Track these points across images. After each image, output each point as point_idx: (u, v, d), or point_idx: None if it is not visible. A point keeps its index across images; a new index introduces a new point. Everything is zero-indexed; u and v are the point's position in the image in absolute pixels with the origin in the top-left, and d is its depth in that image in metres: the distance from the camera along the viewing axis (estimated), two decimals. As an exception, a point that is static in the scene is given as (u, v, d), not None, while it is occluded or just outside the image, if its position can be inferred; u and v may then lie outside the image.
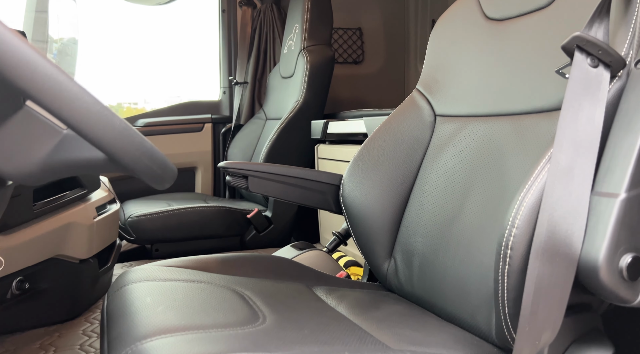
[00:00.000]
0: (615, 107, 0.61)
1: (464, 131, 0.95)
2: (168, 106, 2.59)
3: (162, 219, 1.80)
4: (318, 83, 2.03)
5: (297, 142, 2.01)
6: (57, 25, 2.69)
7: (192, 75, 3.17)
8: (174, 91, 3.57)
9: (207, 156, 2.56)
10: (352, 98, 2.93)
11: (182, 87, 3.44)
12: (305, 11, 2.15)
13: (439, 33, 1.10)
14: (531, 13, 0.86)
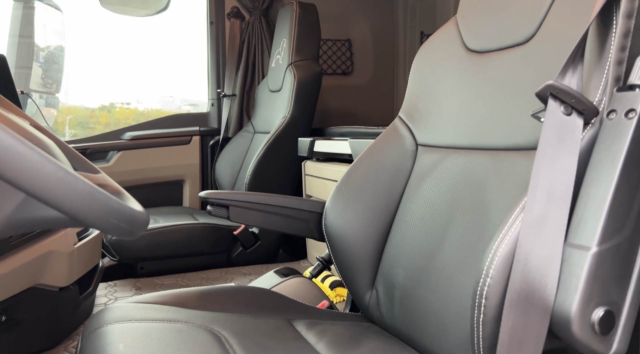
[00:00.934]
0: (588, 155, 0.62)
1: (444, 162, 0.95)
2: (156, 118, 2.58)
3: (147, 237, 1.78)
4: (305, 99, 2.02)
5: (284, 158, 2.00)
6: (43, 34, 2.67)
7: (184, 74, 3.14)
8: (166, 91, 3.54)
9: (195, 169, 2.55)
10: (341, 110, 2.93)
11: (174, 87, 3.42)
12: (292, 27, 2.15)
13: (421, 60, 1.10)
14: (510, 48, 0.86)
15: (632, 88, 0.57)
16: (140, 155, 2.41)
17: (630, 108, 0.57)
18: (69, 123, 3.24)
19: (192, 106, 3.39)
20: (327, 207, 1.06)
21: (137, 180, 2.41)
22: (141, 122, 3.56)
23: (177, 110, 3.63)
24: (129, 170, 2.38)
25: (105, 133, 2.45)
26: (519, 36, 0.84)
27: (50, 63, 2.78)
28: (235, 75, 2.57)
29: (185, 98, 3.49)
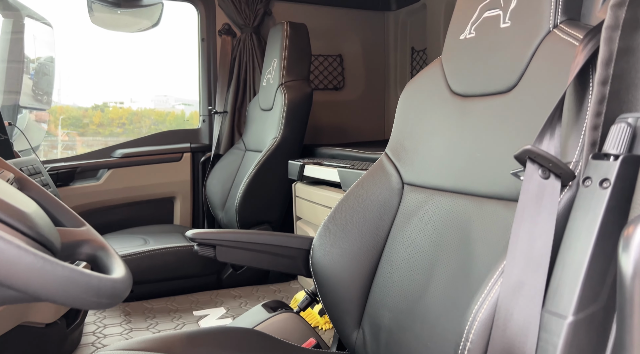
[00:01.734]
0: (566, 218, 0.63)
1: (430, 203, 0.96)
2: (147, 135, 2.57)
3: (137, 261, 1.78)
4: (296, 120, 2.03)
5: (274, 179, 2.00)
6: (33, 46, 2.66)
7: (178, 74, 3.11)
8: (160, 90, 3.52)
9: (186, 185, 2.54)
10: (332, 125, 2.94)
11: (168, 86, 3.39)
12: (283, 47, 2.15)
13: (407, 98, 1.11)
14: (493, 95, 0.88)
15: (607, 157, 0.59)
16: (131, 172, 2.40)
17: (604, 178, 0.58)
18: (62, 123, 3.22)
19: (186, 105, 3.36)
20: (314, 244, 1.07)
21: (128, 197, 2.40)
22: (135, 122, 3.54)
23: (171, 109, 3.61)
24: (120, 187, 2.37)
25: (96, 151, 2.44)
26: (501, 85, 0.86)
27: (41, 75, 2.77)
28: (227, 91, 2.57)
29: (179, 97, 3.46)
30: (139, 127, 3.55)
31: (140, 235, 2.13)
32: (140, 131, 3.56)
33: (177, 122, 3.56)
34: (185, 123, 3.41)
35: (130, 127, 3.53)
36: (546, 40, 0.78)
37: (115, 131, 3.46)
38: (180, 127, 3.54)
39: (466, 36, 0.95)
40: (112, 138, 3.44)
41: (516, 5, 0.84)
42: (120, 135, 3.48)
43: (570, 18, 0.77)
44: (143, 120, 3.57)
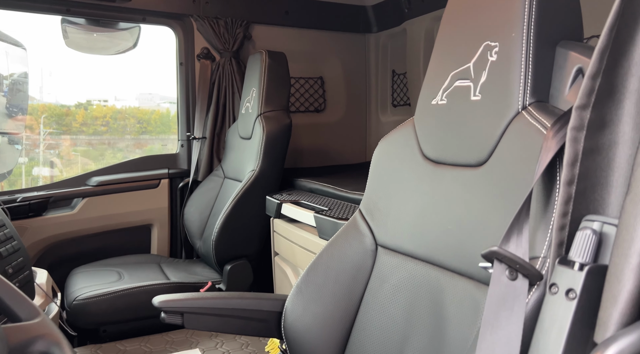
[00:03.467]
0: (534, 320, 0.62)
1: (403, 270, 0.95)
2: (124, 161, 2.52)
3: (110, 301, 1.74)
4: (274, 153, 2.01)
5: (252, 213, 1.98)
6: (6, 62, 2.59)
7: (163, 71, 3.01)
8: (145, 88, 3.44)
9: (164, 212, 2.50)
10: (313, 147, 2.93)
11: (153, 84, 3.32)
12: (262, 77, 2.13)
13: (381, 155, 1.10)
14: (464, 167, 0.87)
15: (572, 264, 0.58)
16: (107, 200, 2.35)
17: (570, 288, 0.57)
18: (44, 122, 3.15)
19: (172, 104, 3.29)
20: (286, 307, 1.05)
21: (103, 226, 2.35)
22: (119, 121, 3.46)
23: (156, 107, 3.54)
24: (95, 216, 2.32)
25: (70, 179, 2.38)
26: (471, 159, 0.85)
27: (15, 92, 2.70)
28: (206, 116, 2.54)
29: (164, 95, 3.40)
30: (124, 125, 3.49)
31: (115, 268, 2.08)
32: (125, 129, 3.50)
33: (162, 121, 3.50)
34: (170, 121, 3.33)
35: (115, 126, 3.46)
36: (515, 121, 0.77)
37: (100, 130, 3.40)
38: (165, 126, 3.47)
39: (438, 102, 0.94)
40: (96, 137, 3.38)
41: (486, 80, 0.83)
42: (105, 134, 3.42)
43: (539, 100, 0.77)
44: (127, 118, 3.50)
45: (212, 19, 2.49)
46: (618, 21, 0.58)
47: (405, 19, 2.65)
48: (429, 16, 2.49)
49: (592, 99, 0.61)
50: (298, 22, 2.76)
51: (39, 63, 3.26)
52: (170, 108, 3.26)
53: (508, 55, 0.79)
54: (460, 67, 0.89)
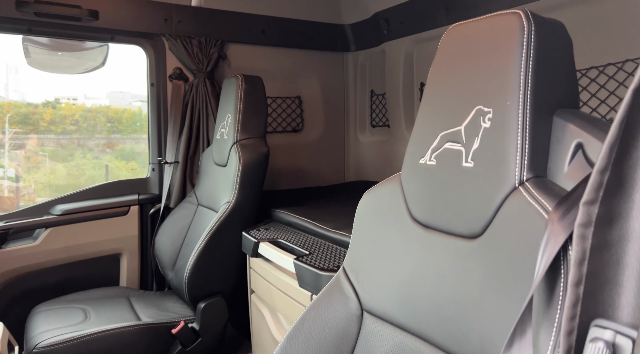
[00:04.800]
0: None
1: (391, 342, 0.89)
2: (90, 187, 2.39)
3: (74, 348, 1.62)
4: (250, 184, 1.92)
5: (227, 248, 1.89)
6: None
7: (135, 69, 2.87)
8: (116, 86, 3.29)
9: (134, 240, 2.38)
10: (291, 168, 2.85)
11: (124, 82, 3.17)
12: (238, 103, 2.05)
13: (365, 209, 1.04)
14: (457, 237, 0.81)
15: (584, 381, 0.52)
16: (73, 230, 2.22)
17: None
18: (9, 121, 2.98)
19: (143, 102, 3.15)
20: (264, 377, 0.97)
21: (69, 257, 2.22)
22: (89, 120, 3.29)
23: (128, 106, 3.40)
24: (60, 247, 2.19)
25: (32, 207, 2.24)
26: (464, 230, 0.79)
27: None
28: (178, 139, 2.43)
29: (136, 94, 3.26)
30: (94, 124, 3.35)
31: (80, 305, 1.96)
32: (95, 129, 3.36)
33: (134, 120, 3.37)
34: (142, 120, 3.19)
35: (85, 125, 3.33)
36: (512, 197, 0.72)
37: (69, 129, 3.26)
38: (137, 125, 3.33)
39: (426, 162, 0.88)
40: (65, 136, 3.23)
41: (479, 147, 0.77)
42: (74, 133, 3.27)
43: (536, 175, 0.72)
44: (98, 117, 3.37)
45: (185, 38, 2.39)
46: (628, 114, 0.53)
47: (385, 40, 2.61)
48: (408, 39, 2.45)
49: (600, 194, 0.56)
50: (275, 41, 2.69)
51: (3, 58, 3.09)
52: (142, 107, 3.13)
53: (503, 124, 0.74)
54: (450, 128, 0.84)
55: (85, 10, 2.12)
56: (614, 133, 0.54)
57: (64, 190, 3.48)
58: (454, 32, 0.87)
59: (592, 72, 1.65)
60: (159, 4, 2.32)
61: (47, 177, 3.42)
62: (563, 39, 0.77)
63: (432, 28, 2.26)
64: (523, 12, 0.75)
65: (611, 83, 1.60)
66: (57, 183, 3.45)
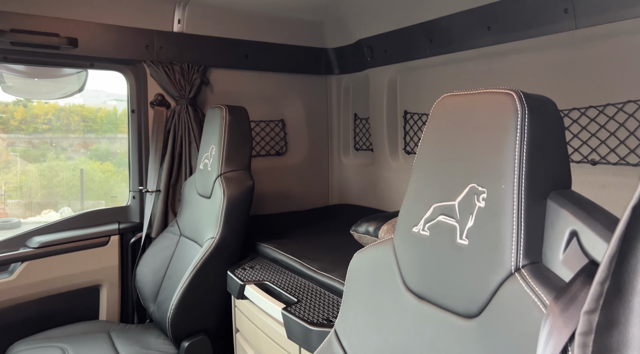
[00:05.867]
0: None
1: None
2: (68, 217, 2.33)
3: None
4: (236, 218, 1.90)
5: (212, 285, 1.86)
6: None
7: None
8: (90, 84, 3.19)
9: (114, 271, 2.33)
10: (275, 191, 2.83)
11: (99, 80, 3.07)
12: (222, 135, 2.02)
13: (357, 270, 1.03)
14: (451, 313, 0.81)
15: None
16: (50, 262, 2.16)
17: None
18: None
19: (119, 101, 3.07)
20: None
21: (46, 291, 2.15)
22: (62, 119, 3.18)
23: (103, 105, 3.31)
24: (37, 281, 2.12)
25: (7, 240, 2.17)
26: (460, 308, 0.79)
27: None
28: (160, 167, 2.39)
29: (112, 93, 3.17)
30: (67, 123, 3.26)
31: (58, 344, 1.90)
32: (69, 128, 3.26)
33: (109, 119, 3.28)
34: (117, 120, 3.11)
35: (58, 124, 3.23)
36: (508, 283, 0.72)
37: (41, 128, 3.16)
38: (112, 124, 3.23)
39: (420, 231, 0.88)
40: (37, 135, 3.12)
41: (474, 226, 0.77)
42: (47, 132, 3.17)
43: (532, 261, 0.72)
44: (71, 116, 3.28)
45: (167, 64, 2.36)
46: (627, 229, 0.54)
47: (368, 66, 2.61)
48: (392, 67, 2.46)
49: (600, 302, 0.56)
50: (258, 65, 2.67)
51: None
52: (118, 106, 3.05)
53: (498, 207, 0.74)
54: (443, 200, 0.84)
55: (64, 38, 2.07)
56: (614, 247, 0.55)
57: (36, 193, 3.35)
58: (446, 102, 0.87)
59: (573, 113, 1.68)
60: (140, 30, 2.28)
61: (18, 177, 3.32)
62: (555, 118, 0.78)
63: (416, 58, 2.28)
64: (516, 94, 0.75)
65: (592, 126, 1.64)
66: (29, 185, 3.34)
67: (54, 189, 3.49)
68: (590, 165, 1.65)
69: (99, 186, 3.58)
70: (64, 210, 3.56)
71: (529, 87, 1.82)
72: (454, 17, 1.97)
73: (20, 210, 3.43)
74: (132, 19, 2.25)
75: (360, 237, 1.82)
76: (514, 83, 1.89)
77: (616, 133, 1.58)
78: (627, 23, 1.47)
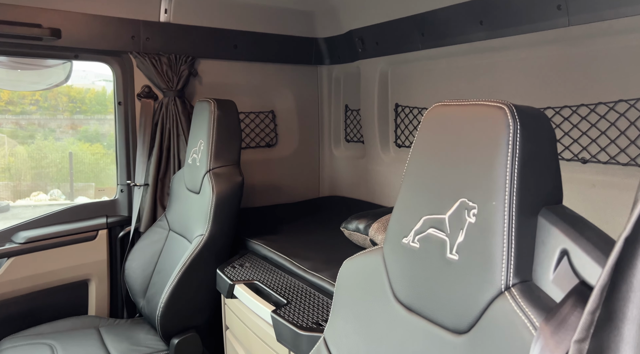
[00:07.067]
0: None
1: None
2: (55, 211, 2.29)
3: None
4: (225, 215, 1.88)
5: (201, 283, 1.84)
6: None
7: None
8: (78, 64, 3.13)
9: (102, 265, 2.31)
10: (265, 183, 2.82)
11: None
12: (210, 129, 1.98)
13: (347, 278, 1.02)
14: (440, 327, 0.80)
15: None
16: (38, 258, 2.13)
17: None
18: None
19: (107, 82, 3.03)
20: None
21: (33, 287, 2.13)
22: (50, 100, 3.11)
23: (91, 85, 3.26)
24: (24, 277, 2.10)
25: (-8, 235, 2.14)
26: (449, 323, 0.79)
27: None
28: (148, 160, 2.35)
29: (100, 73, 3.12)
30: (55, 104, 3.20)
31: (46, 341, 1.89)
32: (57, 109, 3.21)
33: (97, 100, 3.24)
34: (106, 100, 3.05)
35: (45, 105, 3.18)
36: (498, 302, 0.71)
37: (28, 109, 3.10)
38: (101, 105, 3.18)
39: (410, 243, 0.87)
40: (24, 116, 3.07)
41: (464, 242, 0.77)
42: (34, 113, 3.11)
43: (522, 280, 0.71)
44: (59, 96, 3.22)
45: (154, 55, 2.30)
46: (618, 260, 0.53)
47: (359, 57, 2.58)
48: (383, 59, 2.43)
49: (590, 332, 0.56)
50: (247, 56, 2.63)
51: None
52: (107, 87, 3.00)
53: (488, 224, 0.73)
54: (433, 213, 0.83)
55: (47, 29, 2.01)
56: (606, 277, 0.54)
57: (25, 175, 3.28)
58: (437, 112, 0.86)
59: (565, 111, 1.68)
60: (125, 20, 2.22)
61: (6, 159, 3.26)
62: (546, 132, 0.77)
63: (408, 51, 2.25)
64: (508, 108, 0.74)
65: (583, 124, 1.63)
66: (17, 167, 3.28)
67: (43, 171, 3.44)
68: (581, 163, 1.65)
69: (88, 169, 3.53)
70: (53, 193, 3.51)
71: (520, 83, 1.81)
72: (446, 10, 1.94)
73: (9, 192, 3.38)
74: (117, 9, 2.19)
75: (351, 234, 1.81)
76: (506, 79, 1.87)
77: (607, 132, 1.57)
78: (621, 21, 1.45)
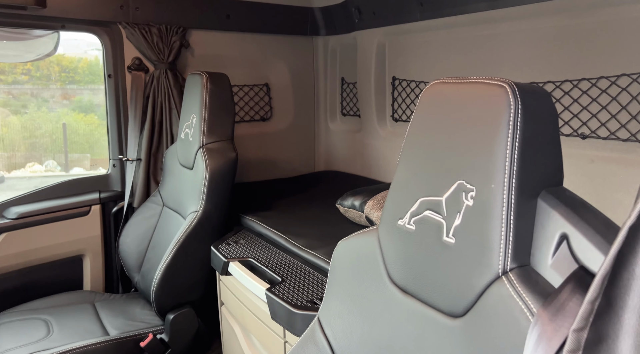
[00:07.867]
0: None
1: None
2: (47, 186, 2.26)
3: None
4: (219, 191, 1.85)
5: (196, 259, 1.83)
6: None
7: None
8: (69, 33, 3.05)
9: (96, 241, 2.29)
10: (260, 158, 2.78)
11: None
12: (203, 104, 1.94)
13: (341, 259, 1.01)
14: (437, 311, 0.79)
15: None
16: (30, 233, 2.11)
17: None
18: None
19: (100, 51, 2.99)
20: None
21: (27, 262, 2.12)
22: (42, 69, 3.05)
23: (84, 54, 3.20)
24: (17, 252, 2.08)
25: (-17, 211, 2.11)
26: (444, 306, 0.77)
27: None
28: (140, 134, 2.31)
29: (92, 41, 3.08)
30: (47, 74, 3.15)
31: (41, 316, 1.89)
32: (49, 78, 3.15)
33: (90, 69, 3.18)
34: (100, 70, 3.03)
35: (37, 74, 3.12)
36: (495, 287, 0.70)
37: (20, 79, 3.05)
38: (94, 75, 3.12)
39: (405, 224, 0.85)
40: (16, 86, 3.02)
41: (461, 225, 0.74)
42: (26, 83, 3.06)
43: (520, 265, 0.70)
44: (51, 66, 3.16)
45: (144, 26, 2.23)
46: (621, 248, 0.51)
47: (356, 28, 2.51)
48: (380, 30, 2.36)
49: (590, 320, 0.54)
50: (240, 26, 2.55)
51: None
52: (99, 56, 2.95)
53: (486, 207, 0.71)
54: (430, 195, 0.80)
55: (31, -2, 1.93)
56: (607, 266, 0.52)
57: (19, 146, 3.24)
58: (436, 90, 0.82)
59: (565, 85, 1.64)
60: (113, -12, 2.13)
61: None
62: (549, 111, 0.73)
63: (406, 22, 2.18)
64: (509, 86, 0.70)
65: (584, 99, 1.59)
66: (11, 137, 3.23)
67: (38, 141, 3.38)
68: (580, 138, 1.63)
69: (83, 140, 3.48)
70: (48, 164, 3.47)
71: (521, 56, 1.76)
72: (446, -21, 1.87)
73: (3, 163, 3.34)
74: (104, -24, 2.10)
75: (346, 211, 1.79)
76: (506, 51, 1.82)
77: (607, 107, 1.54)
78: (627, -8, 1.40)
